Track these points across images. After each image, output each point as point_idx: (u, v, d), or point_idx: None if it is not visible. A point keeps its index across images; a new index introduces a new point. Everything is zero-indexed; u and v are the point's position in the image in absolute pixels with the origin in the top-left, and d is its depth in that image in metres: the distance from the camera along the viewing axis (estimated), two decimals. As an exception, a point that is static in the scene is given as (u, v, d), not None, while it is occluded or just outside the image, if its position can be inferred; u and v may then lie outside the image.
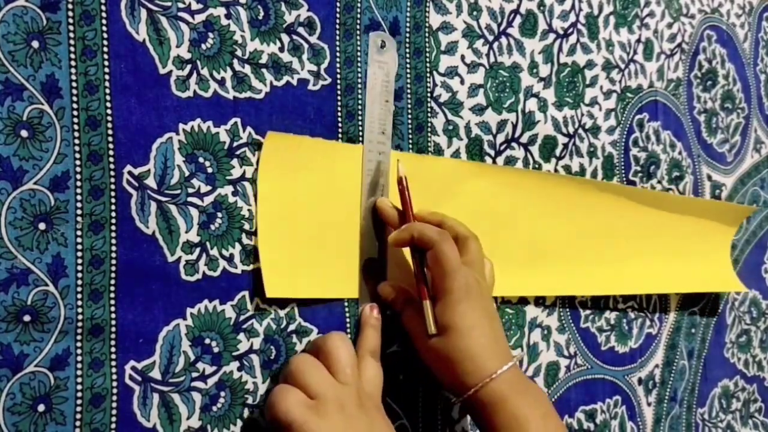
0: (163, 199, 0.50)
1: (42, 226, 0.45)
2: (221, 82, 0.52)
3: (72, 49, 0.46)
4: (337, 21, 0.58)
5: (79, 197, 0.46)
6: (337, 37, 0.58)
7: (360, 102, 0.59)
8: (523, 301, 0.67)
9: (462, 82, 0.64)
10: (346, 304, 0.57)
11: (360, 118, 0.59)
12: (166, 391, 0.49)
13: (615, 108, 0.75)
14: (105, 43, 0.47)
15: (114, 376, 0.47)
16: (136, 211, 0.49)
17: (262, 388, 0.53)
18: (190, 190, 0.51)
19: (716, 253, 0.82)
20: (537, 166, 0.68)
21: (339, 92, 0.58)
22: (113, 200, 0.47)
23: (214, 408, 0.51)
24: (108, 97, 0.47)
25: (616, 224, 0.73)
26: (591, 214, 0.71)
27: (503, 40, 0.67)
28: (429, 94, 0.62)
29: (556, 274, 0.69)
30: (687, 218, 0.77)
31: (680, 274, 0.77)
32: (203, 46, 0.52)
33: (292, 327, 0.55)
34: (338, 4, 0.58)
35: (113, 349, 0.48)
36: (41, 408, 0.45)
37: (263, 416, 0.53)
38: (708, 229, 0.80)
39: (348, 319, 0.57)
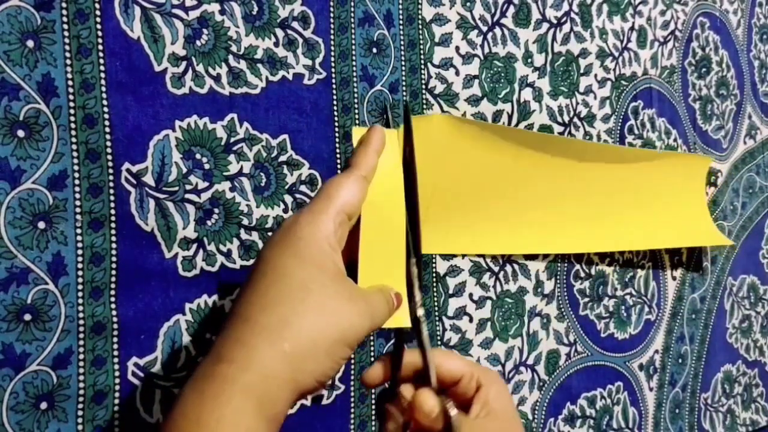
0: (161, 196, 0.50)
1: (41, 224, 0.45)
2: (217, 78, 0.52)
3: (67, 47, 0.46)
4: (331, 15, 0.58)
5: (78, 195, 0.46)
6: (332, 31, 0.58)
7: (356, 95, 0.59)
8: (522, 290, 0.67)
9: (457, 73, 0.64)
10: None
11: (356, 111, 0.59)
12: (168, 386, 0.50)
13: (610, 96, 0.75)
14: (100, 41, 0.47)
15: (116, 373, 0.48)
16: (136, 209, 0.49)
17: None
18: (188, 187, 0.51)
19: (694, 207, 0.81)
20: (533, 155, 0.69)
21: (334, 86, 0.58)
22: (112, 198, 0.48)
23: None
24: (104, 95, 0.47)
25: (591, 182, 0.72)
26: (566, 173, 0.70)
27: (497, 30, 0.67)
28: (424, 86, 0.62)
29: (537, 233, 0.69)
30: (658, 172, 0.76)
31: (662, 230, 0.77)
32: (198, 43, 0.52)
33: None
34: (331, -2, 0.58)
35: (115, 346, 0.48)
36: (44, 406, 0.45)
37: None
38: (680, 182, 0.79)
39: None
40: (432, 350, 0.44)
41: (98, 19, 0.47)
